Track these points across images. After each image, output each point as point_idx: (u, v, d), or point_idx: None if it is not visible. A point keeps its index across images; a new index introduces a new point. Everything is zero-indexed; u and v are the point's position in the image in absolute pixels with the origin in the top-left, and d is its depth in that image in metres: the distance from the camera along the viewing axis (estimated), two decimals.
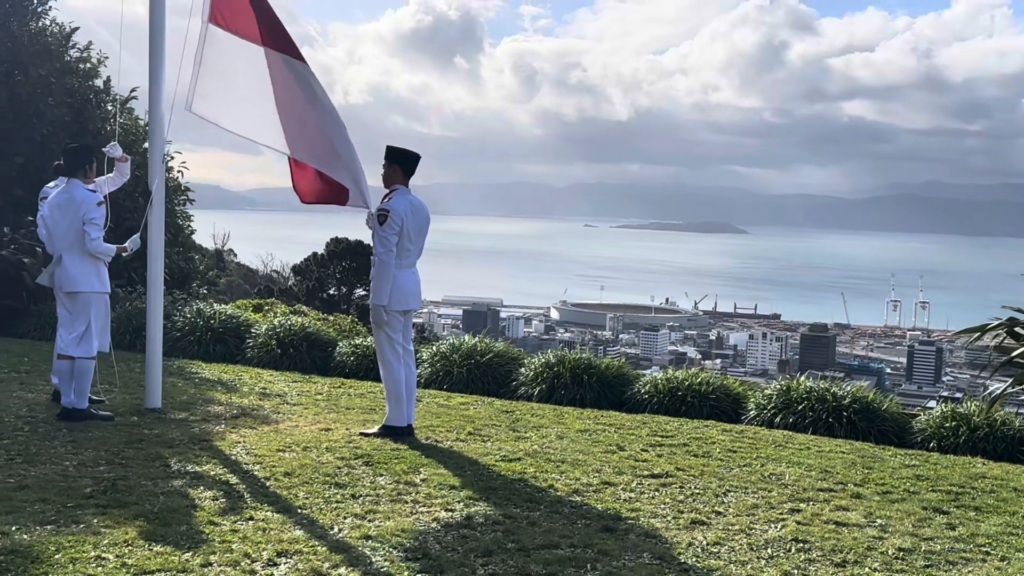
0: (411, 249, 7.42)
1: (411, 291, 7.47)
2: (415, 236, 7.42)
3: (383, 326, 7.40)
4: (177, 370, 10.21)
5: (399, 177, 7.48)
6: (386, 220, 7.25)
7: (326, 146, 7.71)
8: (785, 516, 5.78)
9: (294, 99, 7.78)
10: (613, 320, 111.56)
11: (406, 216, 7.31)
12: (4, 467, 5.98)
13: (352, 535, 5.03)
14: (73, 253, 7.56)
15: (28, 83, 15.05)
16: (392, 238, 7.26)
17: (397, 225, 7.26)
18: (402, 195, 7.42)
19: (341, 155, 7.66)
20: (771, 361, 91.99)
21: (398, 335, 7.48)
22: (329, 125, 7.70)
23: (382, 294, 7.31)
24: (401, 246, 7.32)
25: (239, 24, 7.82)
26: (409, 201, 7.41)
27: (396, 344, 7.46)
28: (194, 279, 18.25)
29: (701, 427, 8.55)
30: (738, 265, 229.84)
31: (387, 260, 7.28)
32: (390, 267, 7.29)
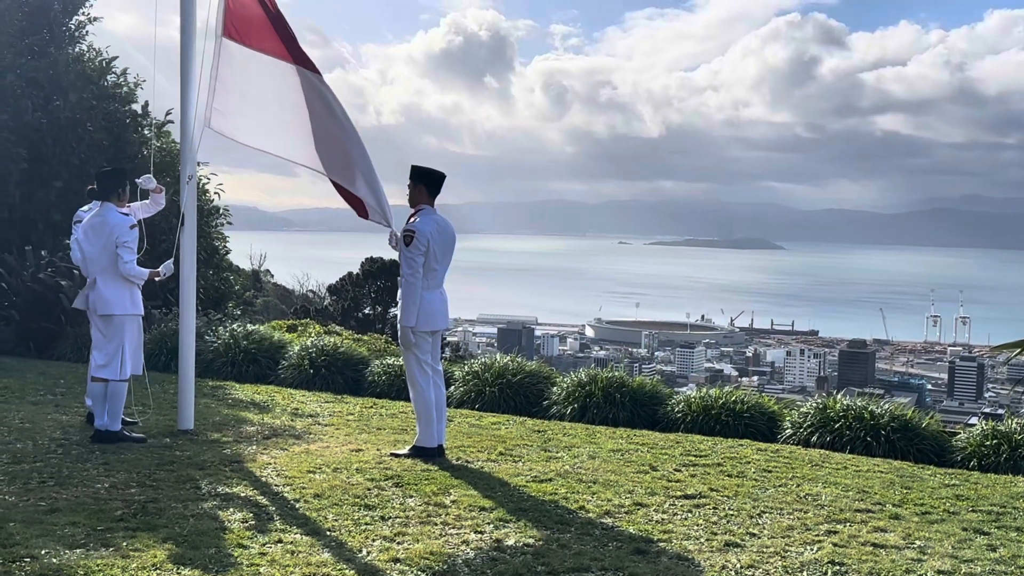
0: (437, 269, 7.37)
1: (439, 311, 7.42)
2: (441, 256, 7.38)
3: (411, 347, 7.38)
4: (210, 391, 10.26)
5: (424, 197, 7.44)
6: (412, 241, 7.21)
7: (344, 159, 7.68)
8: (821, 538, 5.66)
9: (310, 110, 7.78)
10: (648, 337, 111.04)
11: (432, 236, 7.27)
12: (36, 490, 6.02)
13: (380, 558, 4.99)
14: (107, 276, 7.62)
15: (68, 108, 15.29)
16: (419, 259, 7.22)
17: (423, 245, 7.22)
18: (428, 215, 7.38)
19: (359, 168, 7.64)
20: (809, 378, 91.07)
21: (427, 356, 7.44)
22: (346, 139, 7.68)
23: (410, 315, 7.27)
24: (427, 266, 7.28)
25: (253, 37, 7.85)
26: (435, 221, 7.37)
27: (425, 365, 7.42)
28: (230, 299, 18.40)
29: (735, 446, 8.43)
30: (774, 281, 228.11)
31: (414, 281, 7.24)
32: (417, 288, 7.25)
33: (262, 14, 7.84)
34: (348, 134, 7.69)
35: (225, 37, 7.84)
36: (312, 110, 7.75)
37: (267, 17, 7.83)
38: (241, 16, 7.85)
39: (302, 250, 78.21)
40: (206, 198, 16.81)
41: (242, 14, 7.87)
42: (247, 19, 7.85)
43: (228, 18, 7.84)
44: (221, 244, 18.19)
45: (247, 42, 7.89)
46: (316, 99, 7.74)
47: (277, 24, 7.82)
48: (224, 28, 7.84)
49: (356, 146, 7.65)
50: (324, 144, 7.76)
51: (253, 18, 7.85)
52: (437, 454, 7.39)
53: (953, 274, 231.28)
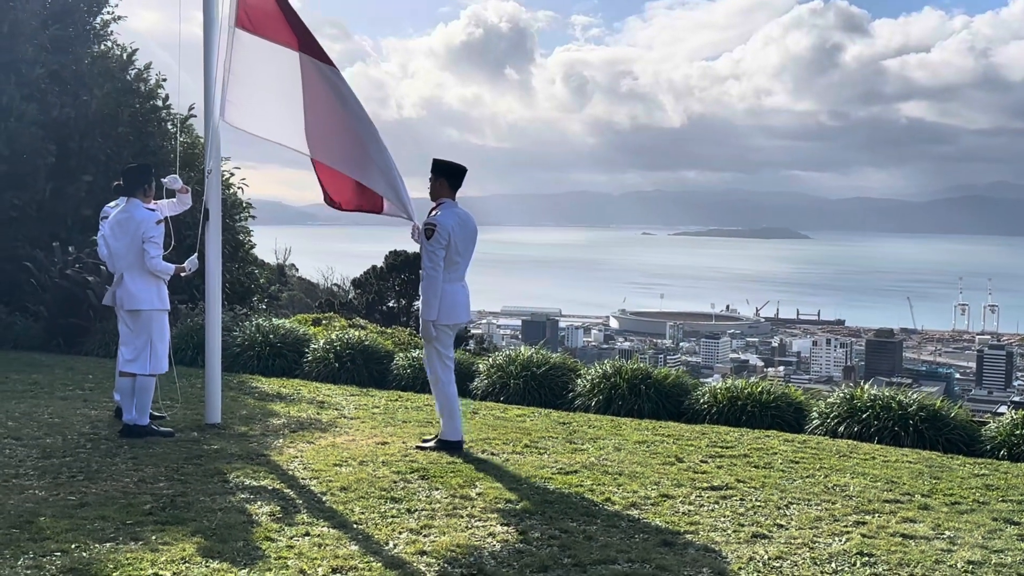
0: (459, 262, 7.35)
1: (460, 305, 7.40)
2: (463, 249, 7.35)
3: (433, 341, 7.38)
4: (237, 385, 10.32)
5: (445, 190, 7.41)
6: (433, 234, 7.19)
7: (359, 153, 7.66)
8: (850, 529, 5.63)
9: (324, 103, 7.77)
10: (673, 328, 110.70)
11: (453, 230, 7.25)
12: (66, 484, 6.07)
13: (407, 550, 5.00)
14: (133, 272, 7.67)
15: (95, 103, 15.41)
16: (440, 252, 7.20)
17: (444, 239, 7.20)
18: (449, 208, 7.36)
19: (375, 162, 7.62)
20: (836, 368, 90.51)
21: (449, 349, 7.44)
22: (362, 132, 7.66)
23: (431, 309, 7.26)
24: (449, 259, 7.26)
25: (267, 27, 7.84)
26: (456, 214, 7.35)
27: (447, 358, 7.42)
28: (255, 294, 18.51)
29: (762, 437, 8.39)
30: (799, 270, 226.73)
31: (435, 275, 7.22)
32: (438, 281, 7.23)
33: (275, 5, 7.84)
34: (365, 128, 7.67)
35: (238, 27, 7.86)
36: (326, 103, 7.74)
37: (280, 8, 7.83)
38: (255, 6, 7.86)
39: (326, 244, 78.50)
40: (230, 193, 16.91)
41: (256, 4, 7.87)
42: (261, 9, 7.85)
43: (242, 7, 7.85)
44: (246, 238, 18.31)
45: (260, 32, 7.90)
46: (330, 92, 7.73)
47: (290, 15, 7.82)
48: (237, 18, 7.86)
49: (373, 140, 7.63)
50: (339, 137, 7.75)
51: (267, 8, 7.84)
52: (459, 448, 7.39)
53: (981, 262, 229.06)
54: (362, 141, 7.64)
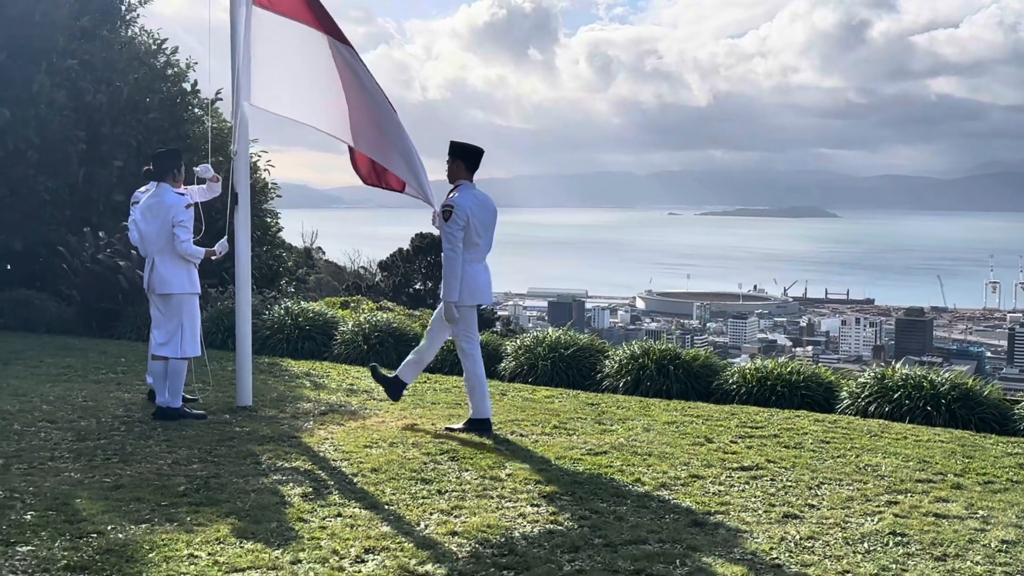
0: (479, 244, 7.36)
1: (481, 286, 7.42)
2: (482, 230, 7.37)
3: (455, 322, 7.40)
4: (267, 368, 10.39)
5: (463, 172, 7.43)
6: (451, 216, 7.21)
7: (376, 133, 7.70)
8: (882, 508, 5.60)
9: (342, 83, 7.80)
10: (700, 308, 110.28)
11: (471, 211, 7.26)
12: (101, 466, 6.15)
13: (439, 531, 5.03)
14: (164, 256, 7.73)
15: (125, 89, 15.51)
16: (458, 233, 7.21)
17: (463, 220, 7.21)
18: (467, 190, 7.37)
19: (394, 144, 7.65)
20: (865, 347, 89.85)
21: (474, 330, 7.47)
22: (378, 113, 7.69)
23: (452, 290, 7.28)
24: (469, 241, 7.27)
25: (285, 5, 7.87)
26: (474, 196, 7.36)
27: (473, 339, 7.45)
28: (283, 277, 18.62)
29: (792, 417, 8.36)
30: (828, 249, 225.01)
31: (454, 256, 7.23)
32: (457, 262, 7.24)
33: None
34: (382, 109, 7.70)
35: (256, 5, 7.88)
36: (344, 82, 7.78)
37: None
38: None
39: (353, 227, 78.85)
40: (257, 176, 16.99)
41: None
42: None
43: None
44: (273, 222, 18.39)
45: (278, 9, 7.92)
46: (347, 71, 7.76)
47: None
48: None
49: (390, 122, 7.67)
50: (356, 117, 7.79)
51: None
52: (488, 428, 7.41)
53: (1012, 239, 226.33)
54: (379, 123, 7.68)
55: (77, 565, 4.39)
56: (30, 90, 14.32)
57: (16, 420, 7.42)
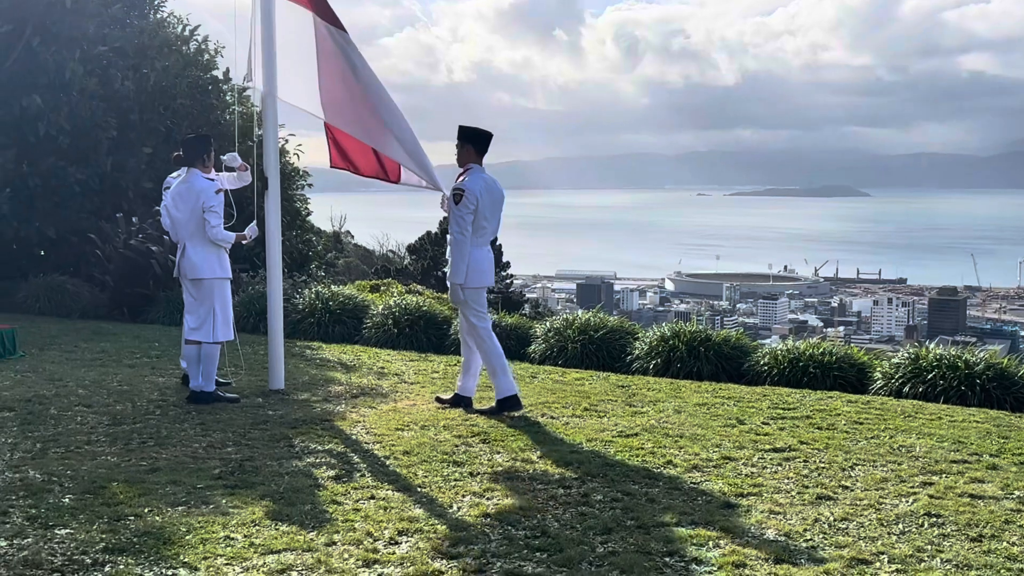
0: (486, 227, 7.46)
1: (487, 268, 7.54)
2: (490, 214, 7.45)
3: (462, 304, 7.49)
4: (298, 351, 10.46)
5: (472, 156, 7.48)
6: (462, 199, 7.29)
7: (374, 121, 7.77)
8: (916, 490, 5.56)
9: (338, 69, 7.87)
10: (730, 289, 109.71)
11: (481, 195, 7.33)
12: (137, 450, 6.23)
13: (471, 513, 5.05)
14: (195, 241, 7.78)
15: (154, 76, 15.61)
16: (468, 217, 7.30)
17: (472, 204, 7.29)
18: (476, 174, 7.43)
19: (392, 131, 7.72)
20: (897, 327, 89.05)
21: (484, 309, 7.55)
22: (376, 100, 7.75)
23: (459, 272, 7.38)
24: (476, 224, 7.36)
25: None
26: (483, 180, 7.42)
27: (484, 316, 7.52)
28: (312, 261, 18.71)
29: (824, 398, 8.31)
30: (859, 229, 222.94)
31: (462, 239, 7.34)
32: (466, 246, 7.34)
33: None
34: (378, 96, 7.77)
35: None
36: (339, 68, 7.87)
37: None
38: None
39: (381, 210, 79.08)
40: (286, 161, 17.06)
41: None
42: None
43: None
44: (302, 206, 18.48)
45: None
46: (342, 57, 7.85)
47: None
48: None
49: (387, 109, 7.73)
50: (353, 104, 7.87)
51: None
52: (514, 403, 7.42)
53: None
54: (375, 110, 7.74)
55: (115, 548, 4.44)
56: (63, 77, 14.44)
57: (53, 404, 7.52)
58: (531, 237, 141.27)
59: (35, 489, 5.28)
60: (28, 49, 14.49)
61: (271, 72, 8.09)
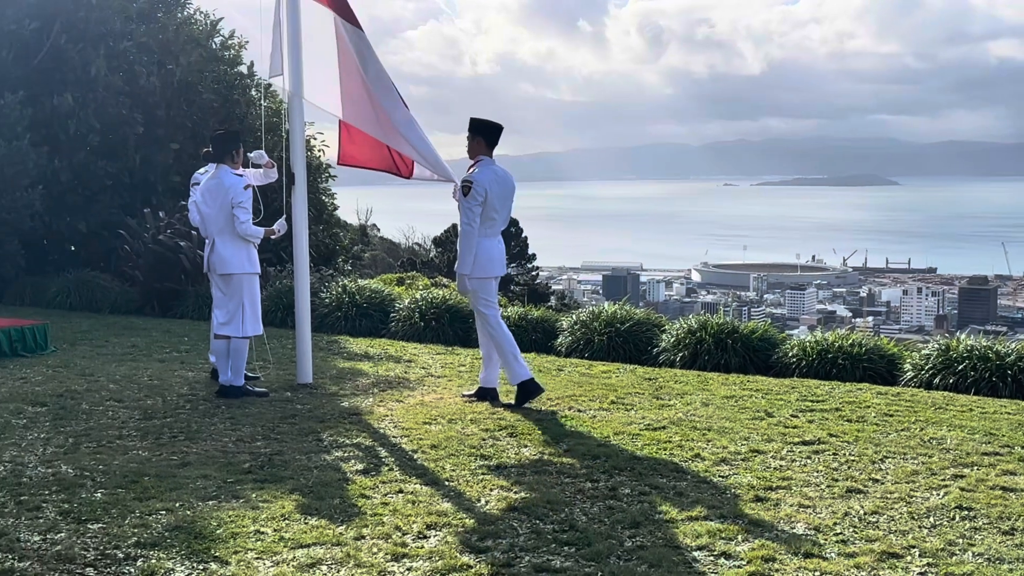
0: (495, 218, 7.54)
1: (496, 259, 7.61)
2: (499, 206, 7.52)
3: (470, 294, 7.58)
4: (326, 345, 10.51)
5: (483, 148, 7.56)
6: (470, 191, 7.37)
7: (383, 118, 7.86)
8: (948, 482, 5.52)
9: (354, 66, 7.93)
10: (757, 280, 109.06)
11: (490, 186, 7.40)
12: (168, 444, 6.28)
13: (499, 507, 5.06)
14: (224, 236, 7.83)
15: (180, 72, 15.70)
16: (476, 208, 7.38)
17: (481, 196, 7.37)
18: (486, 166, 7.51)
19: (399, 128, 7.79)
20: (927, 317, 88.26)
21: (494, 298, 7.64)
22: (384, 97, 7.82)
23: (465, 263, 7.47)
24: (485, 215, 7.44)
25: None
26: (493, 171, 7.50)
27: (492, 304, 7.60)
28: (339, 255, 18.78)
29: (854, 390, 8.25)
30: (888, 218, 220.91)
31: (470, 230, 7.42)
32: (473, 236, 7.43)
33: None
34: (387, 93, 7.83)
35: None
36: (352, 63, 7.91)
37: None
38: None
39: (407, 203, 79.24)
40: (313, 156, 17.12)
41: None
42: None
43: None
44: (329, 201, 18.54)
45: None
46: (354, 54, 7.90)
47: None
48: None
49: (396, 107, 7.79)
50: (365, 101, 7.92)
51: None
52: (536, 389, 7.49)
53: None
54: (383, 106, 7.81)
55: (147, 542, 4.49)
56: (89, 74, 14.55)
57: (84, 399, 7.61)
58: (556, 229, 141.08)
59: (68, 484, 5.35)
60: (55, 46, 14.62)
61: (296, 71, 8.12)
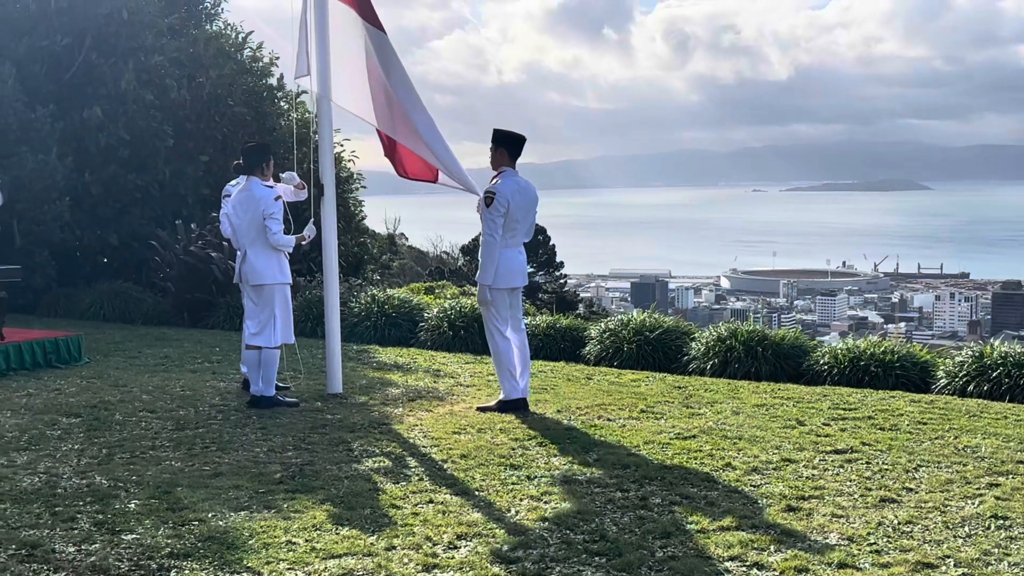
0: (517, 229, 7.56)
1: (517, 269, 7.63)
2: (521, 216, 7.55)
3: (487, 304, 7.60)
4: (355, 355, 10.55)
5: (506, 159, 7.59)
6: (493, 202, 7.41)
7: (407, 122, 7.90)
8: (983, 491, 5.45)
9: (378, 71, 7.97)
10: (787, 286, 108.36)
11: (512, 197, 7.43)
12: (200, 455, 6.33)
13: (529, 517, 5.06)
14: (256, 247, 7.89)
15: (209, 84, 15.86)
16: (498, 219, 7.41)
17: (503, 207, 7.40)
18: (509, 177, 7.53)
19: (421, 134, 7.84)
20: (960, 322, 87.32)
21: (505, 312, 7.64)
22: (408, 101, 7.84)
23: (487, 273, 7.50)
24: (507, 226, 7.47)
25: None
26: (516, 182, 7.53)
27: (499, 321, 7.61)
28: (368, 264, 18.86)
29: (886, 398, 8.18)
30: (920, 223, 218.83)
31: (492, 240, 7.45)
32: (495, 247, 7.45)
33: None
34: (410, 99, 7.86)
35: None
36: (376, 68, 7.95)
37: None
38: None
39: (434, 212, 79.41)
40: (342, 166, 17.21)
41: None
42: None
43: None
44: (357, 210, 18.64)
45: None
46: (378, 57, 7.95)
47: None
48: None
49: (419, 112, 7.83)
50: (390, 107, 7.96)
51: None
52: (521, 406, 7.59)
53: None
54: (407, 112, 7.84)
55: (180, 552, 4.52)
56: (119, 88, 14.73)
57: (118, 410, 7.68)
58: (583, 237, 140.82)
59: (102, 495, 5.40)
60: (87, 61, 14.80)
61: (324, 73, 8.17)
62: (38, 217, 13.99)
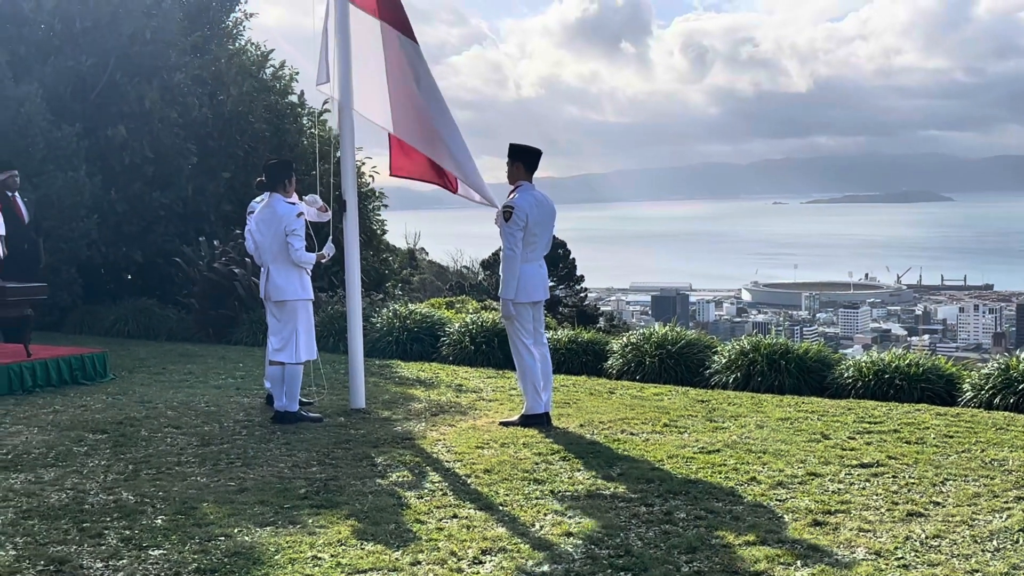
0: (536, 243, 7.59)
1: (538, 283, 7.66)
2: (540, 230, 7.58)
3: (512, 319, 7.62)
4: (378, 370, 10.58)
5: (522, 173, 7.63)
6: (511, 216, 7.44)
7: (431, 133, 7.93)
8: (1011, 505, 5.40)
9: (404, 79, 8.00)
10: (809, 299, 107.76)
11: (530, 211, 7.47)
12: (225, 470, 6.36)
13: (554, 532, 5.05)
14: (279, 264, 7.95)
15: (231, 102, 15.99)
16: (518, 234, 7.44)
17: (522, 220, 7.44)
18: (526, 191, 7.58)
19: (447, 144, 7.88)
20: (985, 334, 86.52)
21: (529, 325, 7.67)
22: (436, 114, 7.89)
23: (509, 288, 7.53)
24: (526, 240, 7.51)
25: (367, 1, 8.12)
26: (533, 196, 7.57)
27: (524, 335, 7.64)
28: (389, 279, 18.93)
29: (912, 411, 8.12)
30: (942, 234, 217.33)
31: (513, 255, 7.49)
32: (516, 261, 7.49)
33: None
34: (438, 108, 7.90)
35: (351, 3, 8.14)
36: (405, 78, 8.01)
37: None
38: None
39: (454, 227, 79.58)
40: (362, 181, 17.30)
41: None
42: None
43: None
44: (378, 226, 18.71)
45: (358, 3, 8.17)
46: (410, 67, 7.98)
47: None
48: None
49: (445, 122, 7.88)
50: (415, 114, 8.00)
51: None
52: (545, 421, 7.61)
53: None
54: (433, 122, 7.88)
55: (207, 568, 4.54)
56: (143, 106, 14.88)
57: (143, 426, 7.73)
58: (603, 250, 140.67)
59: (128, 511, 5.43)
60: (111, 81, 14.97)
61: (346, 80, 8.23)
62: (66, 234, 14.14)
